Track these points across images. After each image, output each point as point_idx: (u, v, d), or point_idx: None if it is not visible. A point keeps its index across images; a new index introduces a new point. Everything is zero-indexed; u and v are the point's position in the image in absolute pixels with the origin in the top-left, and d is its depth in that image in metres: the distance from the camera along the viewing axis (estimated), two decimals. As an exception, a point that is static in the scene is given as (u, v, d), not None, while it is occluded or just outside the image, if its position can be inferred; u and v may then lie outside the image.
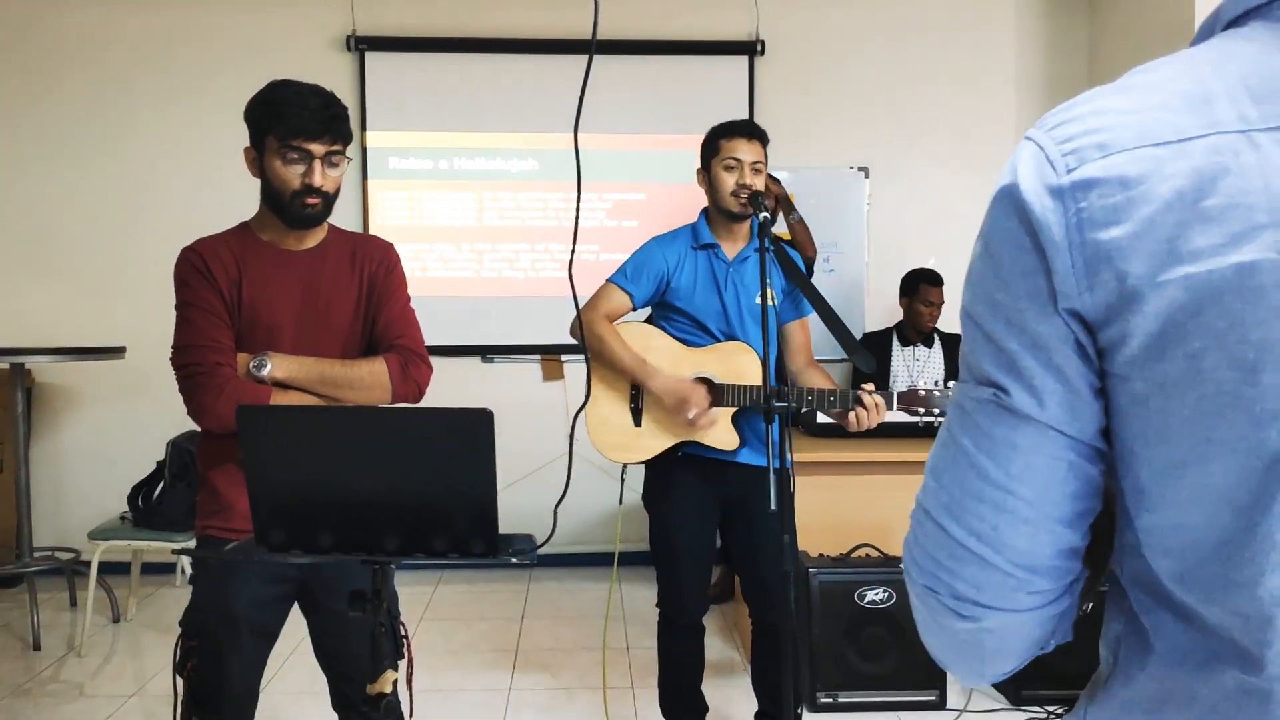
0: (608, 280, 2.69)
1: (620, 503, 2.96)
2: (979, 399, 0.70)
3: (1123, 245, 0.62)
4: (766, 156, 2.65)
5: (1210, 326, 0.60)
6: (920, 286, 4.51)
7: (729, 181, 2.59)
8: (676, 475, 2.65)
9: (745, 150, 2.60)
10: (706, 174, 2.67)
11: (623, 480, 2.86)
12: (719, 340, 2.63)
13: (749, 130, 2.65)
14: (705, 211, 2.72)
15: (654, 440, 2.63)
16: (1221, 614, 0.64)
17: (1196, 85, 0.64)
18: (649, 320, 2.77)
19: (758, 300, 2.61)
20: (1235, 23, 0.68)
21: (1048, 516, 0.69)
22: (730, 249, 2.68)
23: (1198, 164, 0.61)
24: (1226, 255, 0.60)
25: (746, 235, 2.69)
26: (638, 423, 2.65)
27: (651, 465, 2.71)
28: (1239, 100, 0.62)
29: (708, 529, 2.72)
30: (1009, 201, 0.68)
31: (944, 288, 4.51)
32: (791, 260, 2.65)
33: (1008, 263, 0.68)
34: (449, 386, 2.82)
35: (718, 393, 2.57)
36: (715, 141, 2.65)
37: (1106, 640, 0.74)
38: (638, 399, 2.65)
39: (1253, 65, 0.64)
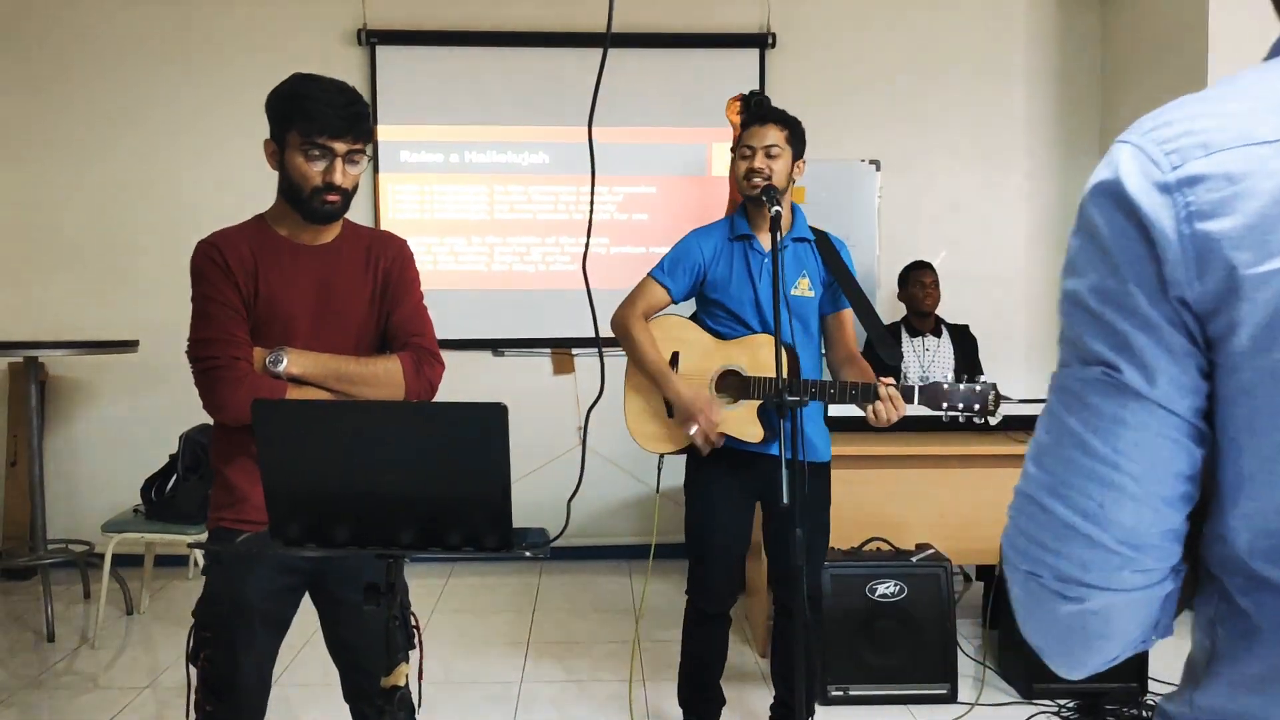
0: (648, 274, 2.70)
1: (658, 491, 2.96)
2: (1086, 379, 0.72)
3: (1232, 236, 0.65)
4: (793, 138, 2.63)
5: None
6: (911, 274, 4.65)
7: (741, 169, 2.60)
8: (712, 466, 2.66)
9: (757, 136, 2.60)
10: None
11: (659, 471, 2.83)
12: (758, 332, 2.63)
13: (760, 116, 2.64)
14: (744, 204, 2.72)
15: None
16: None
17: None
18: (693, 315, 2.76)
19: (794, 291, 2.62)
20: None
21: (1154, 494, 0.71)
22: (766, 240, 2.65)
23: None
24: None
25: (784, 226, 2.65)
26: (670, 414, 2.66)
27: (690, 456, 2.72)
28: None
29: (741, 520, 2.72)
30: (1111, 196, 0.71)
31: (937, 274, 4.63)
32: (834, 251, 2.64)
33: (1116, 252, 0.70)
34: (459, 380, 2.82)
35: (744, 385, 2.57)
36: (736, 134, 2.66)
37: (1200, 624, 0.75)
38: None
39: None
